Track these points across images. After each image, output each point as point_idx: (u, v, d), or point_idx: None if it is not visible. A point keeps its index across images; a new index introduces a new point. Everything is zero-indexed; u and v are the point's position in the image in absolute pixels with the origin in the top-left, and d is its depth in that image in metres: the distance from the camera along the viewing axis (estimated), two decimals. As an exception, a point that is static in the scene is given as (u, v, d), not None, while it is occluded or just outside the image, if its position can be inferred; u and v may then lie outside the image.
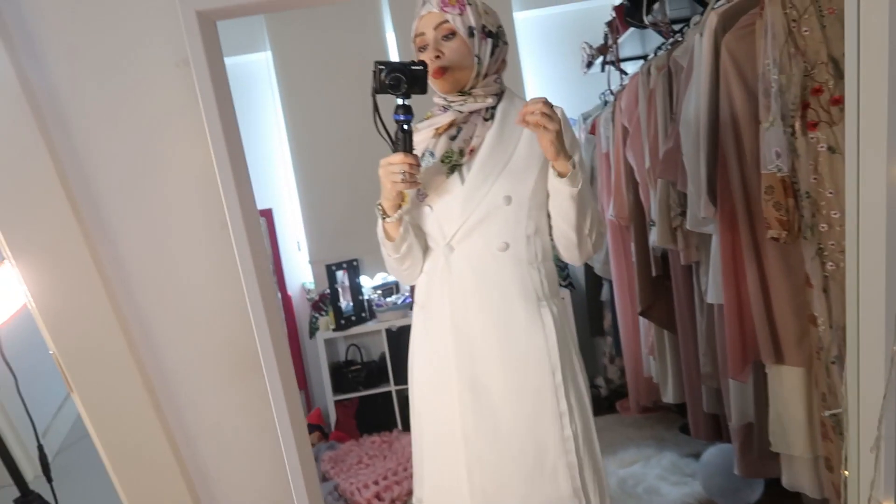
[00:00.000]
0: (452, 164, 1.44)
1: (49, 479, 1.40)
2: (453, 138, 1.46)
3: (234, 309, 1.27)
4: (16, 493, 1.46)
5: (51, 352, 1.21)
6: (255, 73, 4.05)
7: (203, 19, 1.28)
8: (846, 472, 1.37)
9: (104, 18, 1.26)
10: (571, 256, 1.48)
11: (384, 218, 1.45)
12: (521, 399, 1.42)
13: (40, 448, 1.36)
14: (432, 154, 1.47)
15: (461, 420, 1.43)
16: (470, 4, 1.40)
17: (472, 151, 1.44)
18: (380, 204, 1.45)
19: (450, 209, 1.44)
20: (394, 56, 3.94)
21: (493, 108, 1.47)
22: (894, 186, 1.14)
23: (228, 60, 4.30)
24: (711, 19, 1.93)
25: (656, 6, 2.63)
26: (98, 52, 1.25)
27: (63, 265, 1.19)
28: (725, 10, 1.91)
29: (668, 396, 2.92)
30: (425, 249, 1.53)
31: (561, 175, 1.35)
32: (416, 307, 1.57)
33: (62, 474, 1.70)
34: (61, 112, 1.22)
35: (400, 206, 1.43)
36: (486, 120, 1.46)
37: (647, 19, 2.67)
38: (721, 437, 2.55)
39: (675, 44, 2.40)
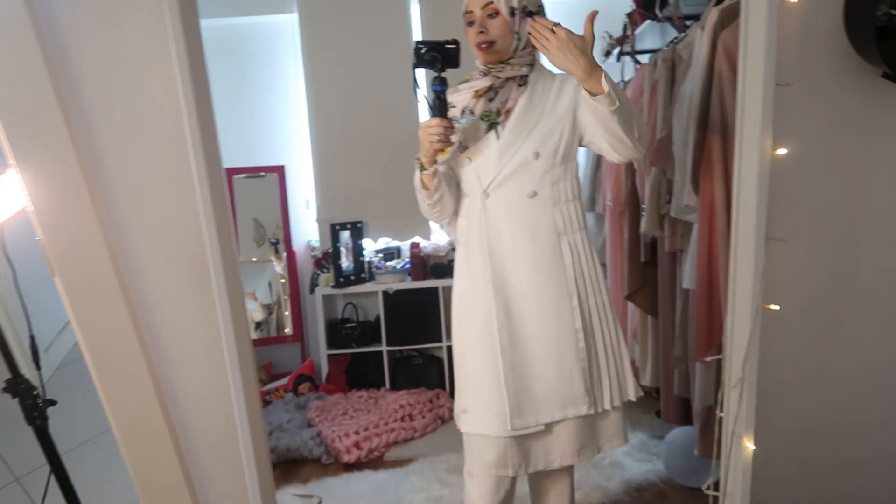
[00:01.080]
0: (490, 122, 1.68)
1: (38, 366, 1.57)
2: (491, 100, 1.69)
3: (195, 224, 1.45)
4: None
5: (37, 238, 1.38)
6: (280, 33, 4.14)
7: None
8: (720, 414, 1.53)
9: None
10: (621, 157, 1.65)
11: (421, 170, 1.68)
12: (544, 317, 1.69)
13: (31, 338, 1.53)
14: (472, 112, 1.70)
15: (498, 335, 1.67)
16: None
17: (508, 112, 1.68)
18: (418, 158, 1.68)
19: (487, 161, 1.69)
20: (416, 28, 4.02)
21: (526, 76, 1.69)
22: (766, 168, 1.33)
23: (255, 19, 4.39)
24: (712, 15, 2.01)
25: (671, 1, 2.69)
26: None
27: (54, 169, 1.39)
28: (726, 7, 1.98)
29: (646, 379, 3.02)
30: (455, 197, 1.78)
31: (593, 94, 1.49)
32: (458, 247, 1.82)
33: (58, 387, 1.84)
34: (59, 35, 1.39)
35: (435, 162, 1.65)
36: (519, 86, 1.69)
37: (660, 14, 2.74)
38: (689, 421, 2.65)
39: (685, 38, 2.47)
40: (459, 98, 1.73)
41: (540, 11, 1.69)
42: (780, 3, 1.44)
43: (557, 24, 1.49)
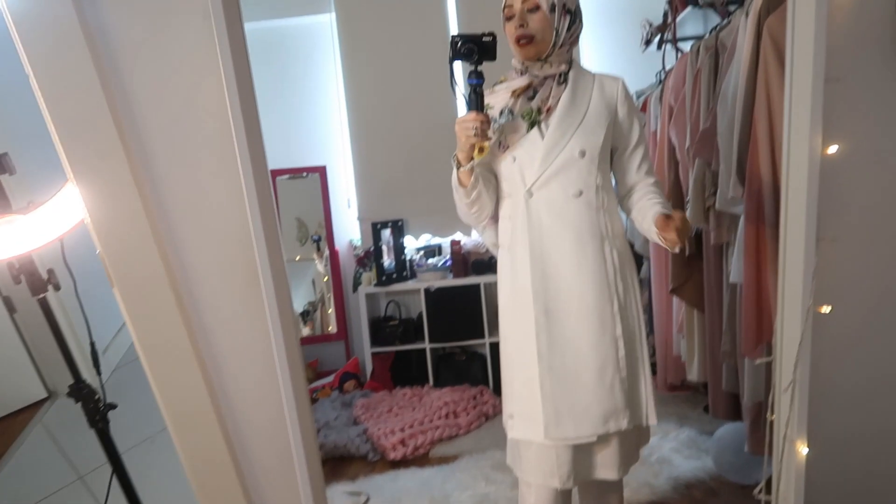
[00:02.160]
0: (532, 120, 1.66)
1: (98, 372, 1.64)
2: (531, 98, 1.68)
3: (244, 229, 1.49)
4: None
5: (97, 251, 1.43)
6: (319, 33, 4.19)
7: None
8: (771, 416, 1.49)
9: None
10: None
11: (458, 167, 1.65)
12: (586, 322, 1.65)
13: (92, 344, 1.60)
14: (511, 112, 1.69)
15: (536, 339, 1.65)
16: None
17: (549, 110, 1.66)
18: (455, 156, 1.65)
19: (532, 159, 1.66)
20: (453, 24, 4.02)
21: (566, 73, 1.68)
22: (815, 166, 1.30)
23: (293, 20, 4.44)
24: (757, 1, 1.95)
25: (713, -15, 2.63)
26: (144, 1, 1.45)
27: (111, 184, 1.44)
28: (771, -8, 1.92)
29: (693, 374, 2.96)
30: (493, 198, 1.75)
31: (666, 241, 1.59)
32: (501, 249, 1.79)
33: (117, 387, 1.91)
34: (113, 54, 1.45)
35: (472, 158, 1.62)
36: (559, 84, 1.67)
37: (701, 0, 2.68)
38: (738, 417, 2.60)
39: (729, 24, 2.41)
40: (497, 99, 1.71)
41: (578, 12, 1.67)
42: (828, -6, 1.38)
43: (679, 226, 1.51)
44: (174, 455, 1.71)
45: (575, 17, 1.66)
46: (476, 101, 1.57)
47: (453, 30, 4.03)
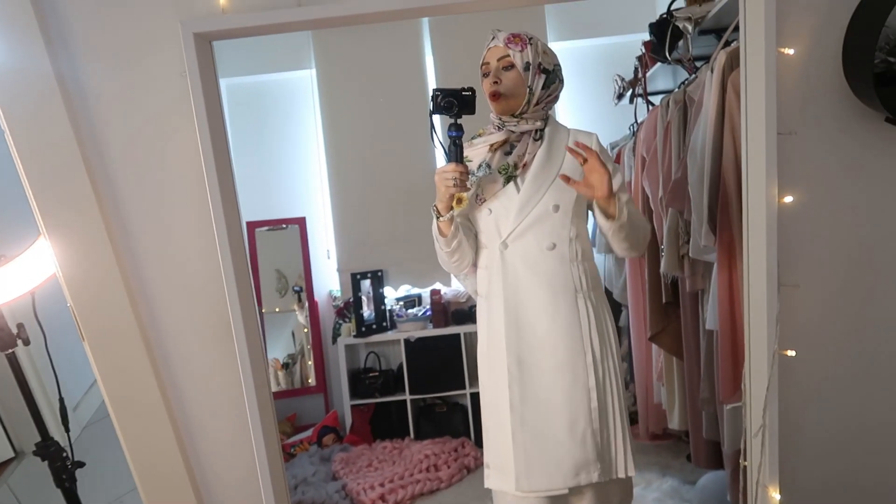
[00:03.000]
0: (508, 174, 1.70)
1: (66, 429, 1.60)
2: (508, 153, 1.74)
3: (217, 284, 1.48)
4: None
5: (68, 304, 1.42)
6: (299, 88, 4.26)
7: (199, 40, 1.53)
8: (744, 462, 1.50)
9: (127, 28, 1.52)
10: (623, 254, 1.76)
11: (438, 217, 1.69)
12: (558, 374, 1.67)
13: (61, 400, 1.56)
14: (489, 166, 1.73)
15: (509, 390, 1.66)
16: (531, 44, 1.67)
17: (525, 165, 1.71)
18: (435, 206, 1.68)
19: (507, 212, 1.70)
20: (431, 79, 4.12)
21: (542, 130, 1.74)
22: (773, 215, 1.34)
23: (274, 76, 4.51)
24: (721, 57, 2.03)
25: (680, 43, 2.73)
26: (120, 57, 1.50)
27: (84, 238, 1.45)
28: (733, 50, 2.00)
29: (674, 423, 2.96)
30: (473, 247, 1.78)
31: (607, 215, 1.61)
32: (479, 298, 1.82)
33: (87, 445, 1.86)
34: (88, 108, 1.48)
35: (451, 208, 1.65)
36: (535, 140, 1.72)
37: (669, 56, 2.77)
38: (720, 465, 2.58)
39: (696, 79, 2.49)
40: (475, 152, 1.75)
41: (557, 72, 1.73)
42: (777, 56, 1.47)
43: (589, 149, 1.56)
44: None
45: (553, 76, 1.71)
46: (455, 152, 1.62)
47: (431, 84, 4.12)
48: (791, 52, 1.53)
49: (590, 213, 1.80)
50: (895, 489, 1.76)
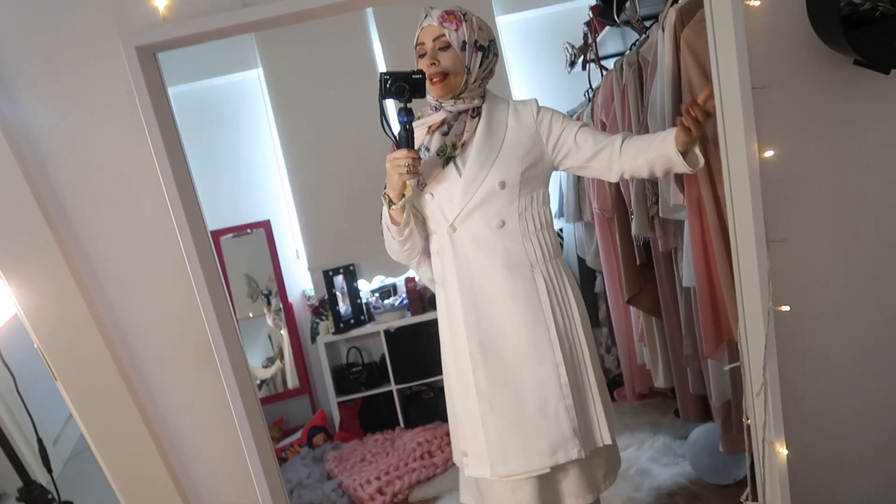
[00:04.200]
0: (447, 156, 1.65)
1: (49, 470, 1.54)
2: (445, 134, 1.67)
3: (192, 305, 1.43)
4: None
5: (35, 345, 1.36)
6: (248, 90, 4.16)
7: (142, 53, 1.46)
8: (747, 420, 1.50)
9: (64, 51, 1.46)
10: (626, 178, 1.70)
11: (390, 205, 1.64)
12: (522, 353, 1.62)
13: (39, 441, 1.50)
14: (428, 149, 1.68)
15: (473, 375, 1.63)
16: (465, 21, 1.61)
17: (464, 145, 1.65)
18: (386, 194, 1.64)
19: (450, 195, 1.65)
20: (381, 65, 4.06)
21: (479, 107, 1.68)
22: (756, 171, 1.34)
23: (220, 80, 4.40)
24: (671, 15, 2.02)
25: (627, 5, 2.72)
26: (63, 85, 1.45)
27: (44, 276, 1.39)
28: (683, 6, 1.99)
29: (660, 381, 3.00)
30: (423, 235, 1.74)
31: (684, 156, 1.53)
32: (436, 286, 1.78)
33: (72, 479, 1.80)
34: (32, 141, 1.42)
35: (404, 196, 1.61)
36: (472, 117, 1.67)
37: (618, 19, 2.77)
38: (709, 417, 2.63)
39: (647, 40, 2.49)
40: (415, 136, 1.67)
41: (492, 47, 1.68)
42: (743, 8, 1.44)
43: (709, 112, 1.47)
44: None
45: (488, 51, 1.67)
46: (407, 137, 1.57)
47: (381, 71, 4.06)
48: (756, 3, 1.51)
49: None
50: (881, 419, 1.80)
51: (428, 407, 3.89)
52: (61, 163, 1.41)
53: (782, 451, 1.52)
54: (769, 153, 1.53)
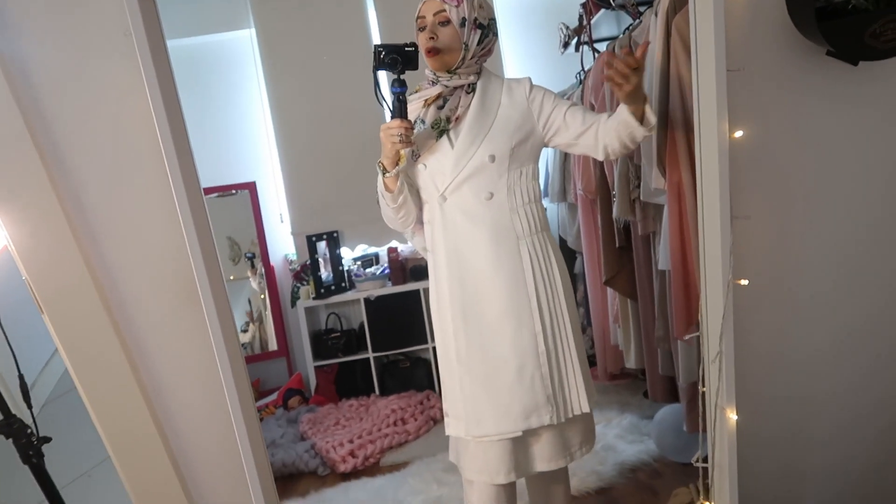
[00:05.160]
0: (441, 129, 1.70)
1: (29, 406, 1.57)
2: (440, 108, 1.71)
3: (179, 246, 1.47)
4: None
5: (23, 278, 1.39)
6: (239, 49, 4.13)
7: None
8: (703, 388, 1.59)
9: None
10: (611, 157, 1.73)
11: (384, 174, 1.68)
12: (503, 322, 1.68)
13: (21, 377, 1.53)
14: (423, 121, 1.72)
15: (454, 340, 1.70)
16: None
17: (458, 119, 1.70)
18: (380, 162, 1.68)
19: (442, 166, 1.70)
20: (374, 32, 4.04)
21: (474, 83, 1.72)
22: (725, 150, 1.47)
23: (211, 38, 4.37)
24: (664, 1, 2.05)
25: (623, -12, 2.74)
26: (62, 22, 1.45)
27: (35, 210, 1.41)
28: (677, -7, 2.03)
29: (630, 362, 3.07)
30: (417, 204, 1.80)
31: (634, 115, 1.57)
32: (428, 254, 1.83)
33: (47, 424, 1.83)
34: (29, 77, 1.42)
35: (398, 164, 1.65)
36: (468, 93, 1.71)
37: (613, 2, 2.79)
38: (676, 399, 2.71)
39: (640, 24, 2.52)
40: (411, 108, 1.72)
41: (492, 26, 1.72)
42: (724, -7, 1.50)
43: (635, 68, 1.48)
44: (112, 491, 1.66)
45: (487, 30, 1.71)
46: (400, 108, 1.61)
47: (375, 40, 4.05)
48: (738, -12, 1.56)
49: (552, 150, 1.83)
50: (838, 397, 1.89)
51: (403, 376, 3.96)
52: (56, 100, 1.42)
53: (732, 416, 1.62)
54: (739, 133, 1.60)
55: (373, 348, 3.96)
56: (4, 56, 1.34)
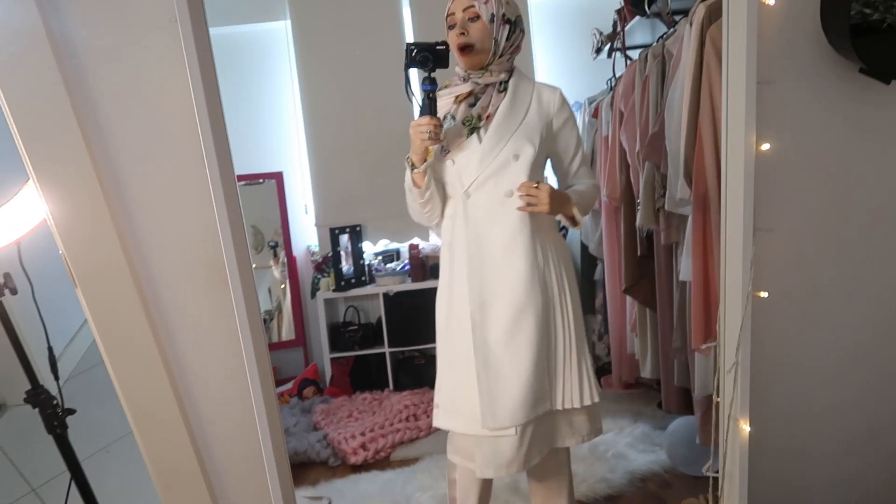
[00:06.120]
0: (472, 126, 1.74)
1: (56, 377, 1.62)
2: (472, 105, 1.76)
3: (211, 230, 1.50)
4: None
5: (60, 252, 1.43)
6: (274, 40, 4.18)
7: None
8: (717, 398, 1.60)
9: None
10: None
11: (413, 169, 1.74)
12: (519, 316, 1.72)
13: (50, 349, 1.58)
14: (453, 118, 1.77)
15: (473, 334, 1.73)
16: None
17: (489, 117, 1.74)
18: (409, 158, 1.73)
19: (469, 163, 1.74)
20: (408, 30, 4.07)
21: (506, 82, 1.76)
22: (751, 162, 1.48)
23: (247, 27, 4.43)
24: (700, 11, 2.05)
25: (659, -3, 2.73)
26: (109, 4, 1.48)
27: (74, 184, 1.45)
28: (712, 3, 2.02)
29: (646, 371, 3.06)
30: (443, 198, 1.84)
31: (566, 217, 1.77)
32: (443, 247, 1.87)
33: (72, 397, 1.88)
34: (78, 56, 1.46)
35: (425, 160, 1.71)
36: (499, 92, 1.75)
37: (648, 10, 2.78)
38: (690, 411, 2.69)
39: (675, 33, 2.51)
40: (441, 104, 1.77)
41: (518, 22, 1.75)
42: (759, 6, 1.50)
43: (538, 183, 1.68)
44: (131, 466, 1.70)
45: (515, 26, 1.73)
46: (430, 105, 1.66)
47: (408, 37, 4.08)
48: (772, 2, 1.56)
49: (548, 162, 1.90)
50: (850, 413, 1.88)
51: (418, 372, 3.98)
52: (100, 80, 1.46)
53: (745, 427, 1.63)
54: (766, 146, 1.60)
55: (389, 343, 3.99)
56: (55, 34, 1.38)
